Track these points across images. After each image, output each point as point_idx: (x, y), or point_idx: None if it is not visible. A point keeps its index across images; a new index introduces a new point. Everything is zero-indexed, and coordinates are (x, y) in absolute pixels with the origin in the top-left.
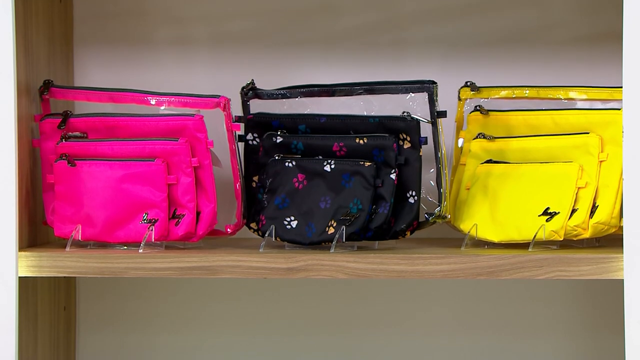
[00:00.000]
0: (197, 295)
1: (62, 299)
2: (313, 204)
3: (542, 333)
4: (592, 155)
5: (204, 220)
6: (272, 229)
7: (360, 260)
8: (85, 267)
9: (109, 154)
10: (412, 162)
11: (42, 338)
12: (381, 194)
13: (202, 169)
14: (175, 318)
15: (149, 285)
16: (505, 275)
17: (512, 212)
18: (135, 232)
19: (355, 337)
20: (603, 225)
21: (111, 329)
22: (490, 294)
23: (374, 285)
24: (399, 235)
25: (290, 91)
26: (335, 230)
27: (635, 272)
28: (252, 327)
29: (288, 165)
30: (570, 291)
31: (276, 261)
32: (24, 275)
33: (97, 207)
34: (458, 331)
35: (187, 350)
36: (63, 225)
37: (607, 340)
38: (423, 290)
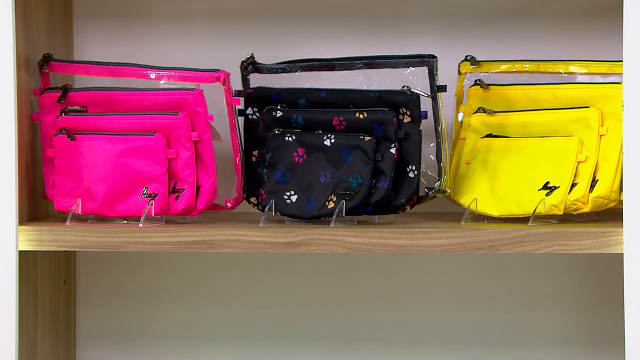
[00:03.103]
0: (197, 270)
1: (62, 273)
2: (313, 178)
3: (542, 307)
4: (592, 129)
5: (204, 195)
6: (272, 203)
7: (360, 235)
8: (85, 241)
9: (108, 128)
10: (412, 136)
11: (43, 312)
12: (381, 169)
13: (202, 143)
14: (175, 292)
15: (149, 259)
16: (505, 249)
17: (512, 186)
18: (135, 207)
19: (354, 311)
20: (603, 199)
21: (111, 303)
22: (490, 268)
23: (374, 260)
24: (399, 209)
25: (290, 65)
26: (335, 204)
27: (634, 246)
28: (251, 301)
29: (288, 140)
30: (570, 265)
31: (276, 235)
32: (24, 249)
33: (97, 181)
34: (457, 305)
35: (187, 324)
36: (63, 199)
37: (606, 314)
38: (423, 264)
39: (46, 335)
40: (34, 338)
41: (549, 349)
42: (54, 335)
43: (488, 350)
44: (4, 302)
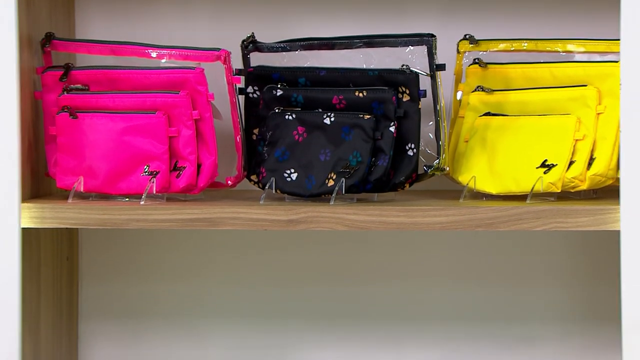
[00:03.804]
0: (198, 247)
1: (64, 250)
2: (313, 156)
3: (539, 283)
4: (590, 108)
5: (205, 173)
6: (272, 181)
7: (360, 212)
8: (87, 219)
9: (110, 106)
10: (411, 114)
11: (46, 288)
12: (380, 147)
13: (203, 122)
14: (176, 268)
15: (151, 236)
16: (503, 227)
17: (510, 164)
18: (136, 184)
19: (354, 287)
20: (600, 177)
21: (113, 279)
22: (488, 246)
23: (373, 237)
24: (398, 187)
25: (290, 44)
26: (335, 182)
27: (631, 223)
28: (252, 278)
29: (288, 118)
30: (568, 242)
31: (276, 213)
32: (27, 227)
33: (99, 159)
34: (456, 282)
35: (188, 300)
36: (65, 177)
37: (602, 290)
38: (422, 241)
39: (49, 311)
40: (37, 314)
41: (547, 324)
42: (57, 311)
43: (486, 325)
44: (7, 279)
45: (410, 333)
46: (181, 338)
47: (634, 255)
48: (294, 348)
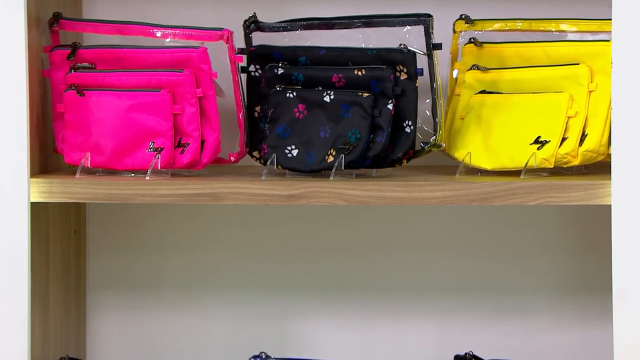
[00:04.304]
0: (202, 221)
1: (72, 224)
2: (313, 133)
3: (532, 256)
4: (582, 86)
5: (208, 149)
6: (273, 157)
7: (359, 188)
8: (94, 193)
9: (116, 84)
10: (408, 92)
11: (54, 261)
12: (379, 124)
13: (206, 99)
14: (181, 242)
15: (156, 210)
16: (497, 201)
17: (504, 140)
18: (142, 160)
19: (352, 260)
20: (592, 153)
21: (120, 252)
22: (483, 220)
23: (372, 211)
24: (396, 163)
25: (291, 24)
26: (335, 158)
27: (622, 197)
28: (254, 251)
29: (289, 96)
30: (560, 216)
31: (277, 188)
32: (36, 201)
33: (106, 135)
34: (451, 255)
35: (193, 272)
36: (73, 152)
37: (593, 262)
38: (418, 216)
39: (57, 283)
40: (46, 286)
41: (539, 296)
42: (65, 284)
43: (481, 296)
44: (16, 252)
45: (407, 304)
46: (185, 309)
47: (624, 229)
48: (294, 318)
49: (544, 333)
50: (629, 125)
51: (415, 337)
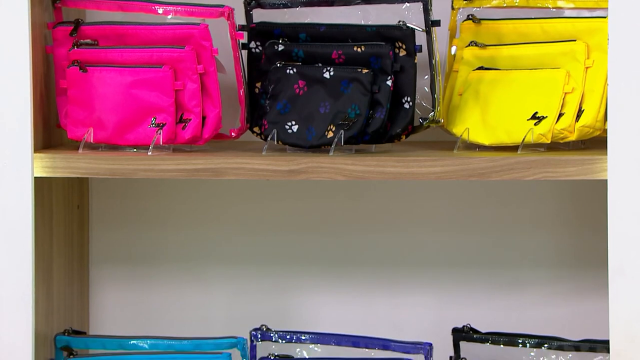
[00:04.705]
0: (203, 196)
1: (75, 198)
2: (313, 109)
3: (529, 231)
4: (579, 62)
5: (209, 125)
6: (274, 132)
7: (358, 163)
8: (97, 168)
9: (118, 60)
10: (407, 69)
11: (57, 235)
12: (378, 100)
13: (208, 76)
14: (182, 217)
15: (158, 185)
16: (495, 176)
17: (502, 116)
18: (144, 135)
19: (352, 235)
20: (588, 128)
21: (122, 227)
22: (481, 194)
23: (371, 187)
24: (395, 138)
25: (291, 1)
26: (334, 134)
27: (618, 172)
28: (254, 225)
29: (289, 72)
30: (557, 191)
31: (278, 163)
32: (39, 176)
33: (108, 111)
34: (449, 229)
35: (195, 247)
36: (76, 128)
37: (590, 237)
38: (417, 191)
39: (61, 257)
40: (50, 260)
41: (536, 270)
42: (69, 258)
43: (478, 270)
44: (20, 226)
45: (405, 278)
46: (187, 282)
47: (620, 203)
48: (295, 292)
49: (541, 306)
50: (624, 100)
51: (413, 310)
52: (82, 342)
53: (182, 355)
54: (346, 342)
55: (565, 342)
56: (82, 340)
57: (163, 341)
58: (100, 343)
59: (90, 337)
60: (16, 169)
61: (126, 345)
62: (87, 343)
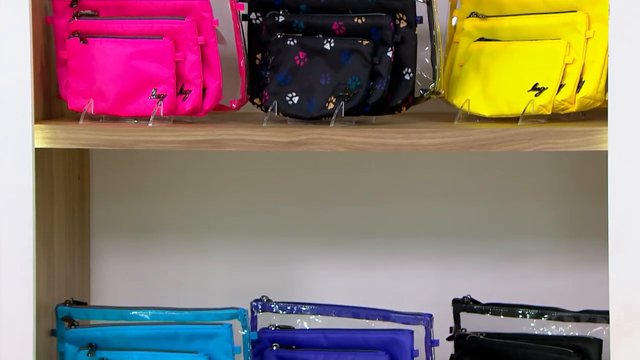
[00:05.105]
0: (204, 167)
1: (76, 169)
2: (313, 80)
3: (530, 202)
4: (580, 33)
5: (210, 96)
6: (274, 104)
7: (359, 134)
8: (98, 140)
9: (119, 31)
10: (407, 40)
11: (58, 206)
12: (378, 71)
13: (208, 47)
14: (183, 188)
15: (159, 157)
16: (496, 147)
17: (503, 87)
18: (144, 107)
19: (352, 206)
20: (589, 99)
21: (123, 198)
22: (481, 166)
23: (372, 158)
24: (395, 110)
25: None
26: (335, 105)
27: (618, 143)
28: (255, 197)
29: (290, 44)
30: (557, 162)
31: (278, 135)
32: (40, 147)
33: (109, 82)
34: (450, 200)
35: (195, 218)
36: (76, 99)
37: (590, 207)
38: (418, 162)
39: (62, 228)
40: (50, 231)
41: (536, 241)
42: (69, 229)
43: (478, 242)
44: (21, 197)
45: (405, 250)
46: (188, 253)
47: (621, 174)
48: (295, 263)
49: (541, 277)
50: (625, 71)
51: (413, 281)
52: (83, 313)
53: (183, 326)
54: (346, 313)
55: (565, 312)
56: (83, 311)
57: (164, 312)
58: (101, 314)
59: (91, 308)
60: (17, 140)
61: (127, 315)
62: (88, 314)
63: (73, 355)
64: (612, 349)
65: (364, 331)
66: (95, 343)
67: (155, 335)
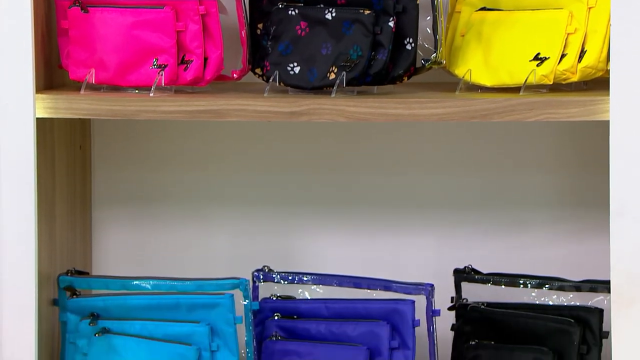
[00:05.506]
0: (206, 137)
1: (77, 139)
2: (315, 50)
3: (530, 171)
4: (581, 2)
5: (211, 66)
6: (276, 74)
7: (360, 104)
8: (99, 109)
9: (120, 1)
10: (409, 10)
11: (60, 175)
12: (380, 41)
13: (209, 17)
14: (185, 158)
15: (160, 127)
16: (497, 117)
17: (504, 57)
18: (146, 77)
19: (353, 176)
20: (591, 69)
21: (125, 168)
22: (483, 136)
23: (373, 128)
24: (397, 80)
25: None
26: (336, 75)
27: (620, 113)
28: (256, 166)
29: (291, 13)
30: (559, 132)
31: (280, 105)
32: (41, 117)
33: (110, 52)
34: (451, 170)
35: (197, 188)
36: (77, 69)
37: (591, 178)
38: (419, 132)
39: (63, 198)
40: (52, 201)
41: (537, 210)
42: (71, 198)
43: (480, 212)
44: (23, 167)
45: (407, 220)
46: (189, 223)
47: (622, 144)
48: (297, 234)
49: (542, 247)
50: (627, 41)
51: (415, 251)
52: (85, 283)
53: (185, 296)
54: (348, 283)
55: (566, 282)
56: (85, 281)
57: (165, 282)
58: (103, 283)
59: (93, 278)
60: (18, 109)
61: (129, 285)
62: (90, 283)
63: (75, 324)
64: (613, 318)
65: (365, 301)
66: (97, 312)
67: (157, 305)
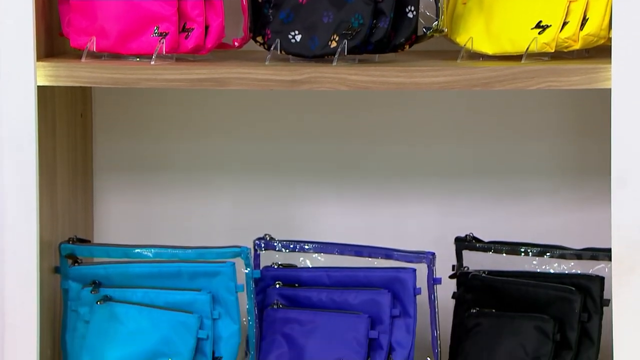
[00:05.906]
0: (207, 105)
1: (78, 107)
2: (316, 18)
3: (532, 139)
4: None
5: (212, 34)
6: (277, 42)
7: (361, 73)
8: (100, 77)
9: None
10: None
11: (61, 143)
12: (381, 9)
13: None
14: (186, 126)
15: (161, 95)
16: (499, 86)
17: (506, 25)
18: (147, 45)
19: (355, 145)
20: (593, 36)
21: (126, 136)
22: (485, 104)
23: (374, 96)
24: (398, 48)
25: None
26: (338, 43)
27: (622, 81)
28: (257, 135)
29: None
30: (560, 100)
31: (281, 73)
32: (42, 84)
33: (111, 19)
34: (453, 139)
35: (198, 156)
36: (78, 36)
37: (592, 146)
38: (420, 100)
39: (65, 166)
40: (53, 169)
41: (538, 178)
42: (72, 166)
43: (481, 180)
44: (24, 135)
45: (408, 188)
46: (191, 191)
47: (624, 112)
48: (298, 202)
49: (543, 215)
50: (629, 8)
51: (416, 220)
52: (87, 251)
53: (186, 264)
54: (349, 251)
55: (567, 250)
56: (87, 249)
57: (167, 250)
58: (104, 251)
59: (95, 246)
60: (19, 77)
61: (130, 253)
62: (91, 251)
63: (77, 292)
64: (614, 287)
65: (366, 269)
66: (99, 280)
67: (159, 273)
